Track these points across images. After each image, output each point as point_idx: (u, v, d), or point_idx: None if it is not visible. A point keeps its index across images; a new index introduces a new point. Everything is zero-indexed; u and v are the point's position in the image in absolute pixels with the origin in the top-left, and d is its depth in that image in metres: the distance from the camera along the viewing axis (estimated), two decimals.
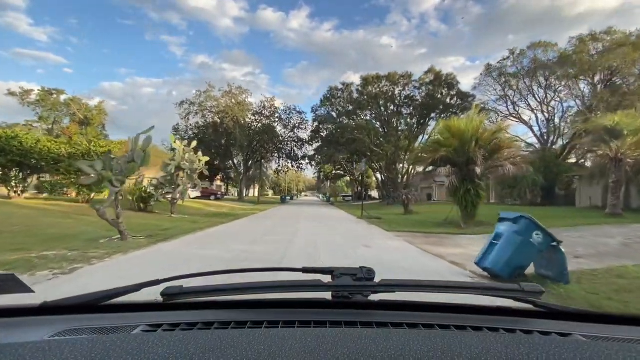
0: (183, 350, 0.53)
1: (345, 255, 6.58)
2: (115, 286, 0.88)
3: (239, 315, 0.86)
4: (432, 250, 7.27)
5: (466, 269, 5.27)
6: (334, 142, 33.41)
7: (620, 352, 0.56)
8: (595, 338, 0.72)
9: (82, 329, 0.75)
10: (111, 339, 0.61)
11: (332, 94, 35.78)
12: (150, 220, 12.18)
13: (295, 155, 41.29)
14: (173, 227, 10.42)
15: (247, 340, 0.57)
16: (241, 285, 0.86)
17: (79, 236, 7.60)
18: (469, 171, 12.24)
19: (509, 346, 0.56)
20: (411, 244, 8.27)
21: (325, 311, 0.88)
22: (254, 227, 11.61)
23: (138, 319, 0.81)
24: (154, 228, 9.81)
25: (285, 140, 40.54)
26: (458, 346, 0.57)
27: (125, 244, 6.86)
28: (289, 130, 40.55)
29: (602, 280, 4.47)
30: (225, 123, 34.98)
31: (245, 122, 37.03)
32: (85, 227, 9.22)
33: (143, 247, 6.56)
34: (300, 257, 6.11)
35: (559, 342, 0.61)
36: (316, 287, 0.86)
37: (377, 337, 0.60)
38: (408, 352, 0.54)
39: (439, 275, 5.00)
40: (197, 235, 8.87)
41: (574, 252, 6.44)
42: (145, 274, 4.31)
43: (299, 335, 0.60)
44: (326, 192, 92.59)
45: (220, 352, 0.53)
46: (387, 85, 32.55)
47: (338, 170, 55.81)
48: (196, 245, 7.36)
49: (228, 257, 5.79)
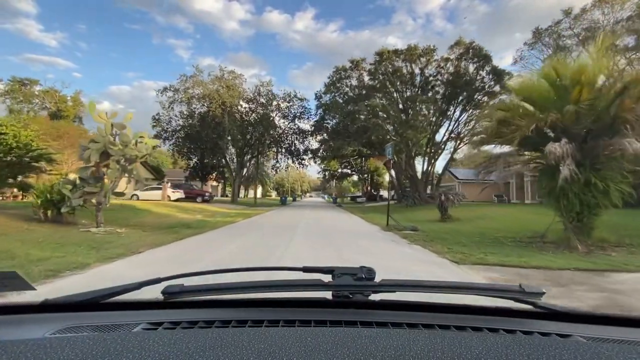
0: (184, 348, 0.53)
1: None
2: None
3: (240, 314, 0.86)
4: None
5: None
6: (342, 132, 28.01)
7: (621, 354, 0.56)
8: (595, 339, 0.71)
9: (83, 326, 0.75)
10: (112, 336, 0.60)
11: (338, 76, 30.26)
12: (26, 242, 7.01)
13: (297, 149, 35.24)
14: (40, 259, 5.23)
15: (248, 338, 0.58)
16: (242, 284, 0.87)
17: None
18: (591, 149, 6.80)
19: (508, 347, 0.57)
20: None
21: (326, 310, 0.88)
22: (205, 254, 6.39)
23: (139, 317, 0.82)
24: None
25: (285, 132, 34.47)
26: (458, 346, 0.56)
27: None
28: (288, 121, 34.22)
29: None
30: (212, 111, 28.78)
31: (237, 110, 31.25)
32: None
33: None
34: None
35: (558, 343, 0.61)
36: (316, 287, 0.87)
37: (377, 337, 0.60)
38: (408, 352, 0.54)
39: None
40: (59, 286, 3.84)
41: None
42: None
43: (299, 334, 0.60)
44: (331, 192, 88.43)
45: (221, 351, 0.53)
46: (406, 62, 27.03)
47: (345, 167, 50.85)
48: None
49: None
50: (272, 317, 0.79)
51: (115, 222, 10.30)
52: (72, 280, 4.47)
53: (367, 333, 0.62)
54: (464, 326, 0.76)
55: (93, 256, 5.85)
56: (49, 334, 0.69)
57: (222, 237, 8.97)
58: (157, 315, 0.83)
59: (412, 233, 9.68)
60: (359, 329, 0.69)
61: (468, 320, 0.81)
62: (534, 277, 4.96)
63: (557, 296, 3.96)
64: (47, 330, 0.71)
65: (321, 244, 7.89)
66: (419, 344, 0.56)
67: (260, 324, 0.75)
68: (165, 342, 0.55)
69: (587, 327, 0.81)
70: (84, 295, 0.84)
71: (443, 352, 0.53)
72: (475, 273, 5.15)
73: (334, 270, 0.90)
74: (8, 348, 0.52)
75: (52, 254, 5.99)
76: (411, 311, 0.89)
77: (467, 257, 6.13)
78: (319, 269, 0.92)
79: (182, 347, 0.53)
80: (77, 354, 0.51)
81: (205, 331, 0.65)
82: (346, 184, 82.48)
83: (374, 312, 0.87)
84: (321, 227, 12.36)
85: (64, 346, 0.53)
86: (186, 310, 0.88)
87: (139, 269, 5.28)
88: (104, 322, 0.77)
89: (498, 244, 7.90)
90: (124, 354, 0.51)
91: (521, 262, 5.77)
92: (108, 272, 4.92)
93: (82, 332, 0.72)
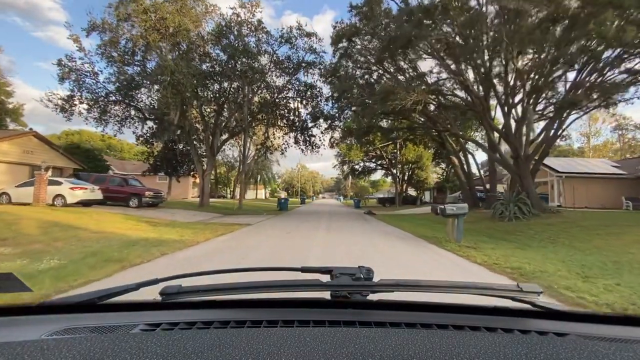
0: (182, 349, 0.53)
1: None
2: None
3: (238, 314, 0.85)
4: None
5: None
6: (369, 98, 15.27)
7: (618, 352, 0.56)
8: (592, 338, 0.71)
9: (80, 328, 0.73)
10: (109, 338, 0.60)
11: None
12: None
13: (302, 123, 21.83)
14: None
15: (246, 339, 0.57)
16: (240, 285, 0.86)
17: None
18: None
19: (506, 346, 0.56)
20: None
21: (324, 310, 0.87)
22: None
23: (136, 318, 0.81)
24: None
25: (283, 93, 21.30)
26: (456, 346, 0.56)
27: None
28: (289, 73, 20.54)
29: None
30: (150, 40, 15.71)
31: (203, 53, 18.38)
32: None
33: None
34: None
35: (556, 342, 0.61)
36: (315, 287, 0.86)
37: (375, 337, 0.60)
38: (406, 351, 0.54)
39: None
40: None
41: None
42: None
43: (298, 335, 0.60)
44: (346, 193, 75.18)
45: (219, 351, 0.53)
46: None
47: (371, 159, 38.09)
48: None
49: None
50: (270, 317, 0.79)
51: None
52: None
53: (365, 333, 0.62)
54: (462, 325, 0.76)
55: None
56: (45, 336, 0.69)
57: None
58: (155, 316, 0.83)
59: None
60: (358, 329, 0.69)
61: (466, 319, 0.81)
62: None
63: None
64: (44, 331, 0.70)
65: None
66: (417, 344, 0.56)
67: (259, 325, 0.74)
68: (164, 343, 0.55)
69: (584, 325, 0.82)
70: (81, 297, 0.84)
71: (441, 352, 0.54)
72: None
73: (332, 270, 0.91)
74: (5, 349, 0.52)
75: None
76: (409, 311, 0.89)
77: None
78: (317, 269, 0.94)
79: (180, 348, 0.53)
80: (74, 355, 0.51)
81: (203, 332, 0.66)
82: (363, 183, 68.93)
83: (372, 312, 0.87)
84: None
85: (61, 348, 0.53)
86: (184, 311, 0.88)
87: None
88: (101, 323, 0.76)
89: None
90: (122, 356, 0.51)
91: None
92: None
93: (79, 333, 0.71)
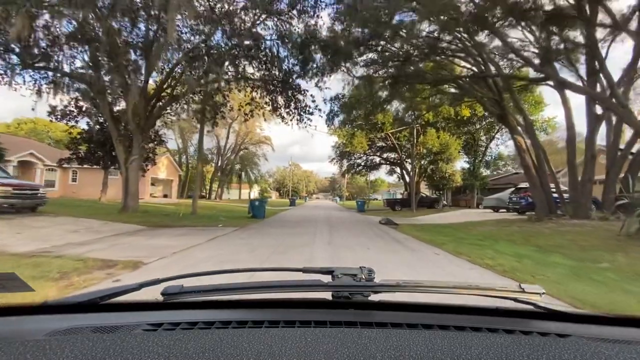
0: (183, 349, 0.53)
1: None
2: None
3: (240, 314, 0.84)
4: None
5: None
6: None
7: (620, 354, 0.56)
8: (595, 339, 0.69)
9: (82, 327, 0.72)
10: (111, 338, 0.59)
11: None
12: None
13: (293, 87, 14.65)
14: None
15: (248, 339, 0.57)
16: (242, 285, 0.87)
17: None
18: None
19: (508, 347, 0.56)
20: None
21: (326, 311, 0.87)
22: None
23: (138, 318, 0.81)
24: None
25: (266, 45, 13.32)
26: (457, 347, 0.56)
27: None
28: (279, 18, 12.96)
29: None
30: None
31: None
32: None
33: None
34: None
35: (558, 343, 0.61)
36: (316, 287, 0.86)
37: (376, 337, 0.60)
38: (407, 352, 0.54)
39: None
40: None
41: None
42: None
43: (299, 335, 0.60)
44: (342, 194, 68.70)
45: (221, 352, 0.53)
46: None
47: (376, 152, 31.10)
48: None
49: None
50: (272, 317, 0.79)
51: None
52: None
53: (366, 333, 0.62)
54: (464, 326, 0.75)
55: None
56: (48, 335, 0.68)
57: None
58: (157, 316, 0.82)
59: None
60: (359, 330, 0.68)
61: (467, 320, 0.81)
62: None
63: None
64: (46, 331, 0.70)
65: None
66: (418, 345, 0.56)
67: (260, 325, 0.74)
68: (165, 343, 0.55)
69: (586, 327, 0.82)
70: (83, 297, 0.84)
71: (443, 353, 0.54)
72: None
73: (333, 271, 0.91)
74: (7, 349, 0.52)
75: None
76: (411, 312, 0.88)
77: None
78: (318, 270, 0.94)
79: (182, 348, 0.53)
80: (76, 355, 0.51)
81: (205, 332, 0.65)
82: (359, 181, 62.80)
83: (373, 312, 0.87)
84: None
85: (63, 347, 0.53)
86: (186, 311, 0.88)
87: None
88: (103, 323, 0.75)
89: None
90: (124, 355, 0.51)
91: None
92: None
93: (81, 333, 0.70)
